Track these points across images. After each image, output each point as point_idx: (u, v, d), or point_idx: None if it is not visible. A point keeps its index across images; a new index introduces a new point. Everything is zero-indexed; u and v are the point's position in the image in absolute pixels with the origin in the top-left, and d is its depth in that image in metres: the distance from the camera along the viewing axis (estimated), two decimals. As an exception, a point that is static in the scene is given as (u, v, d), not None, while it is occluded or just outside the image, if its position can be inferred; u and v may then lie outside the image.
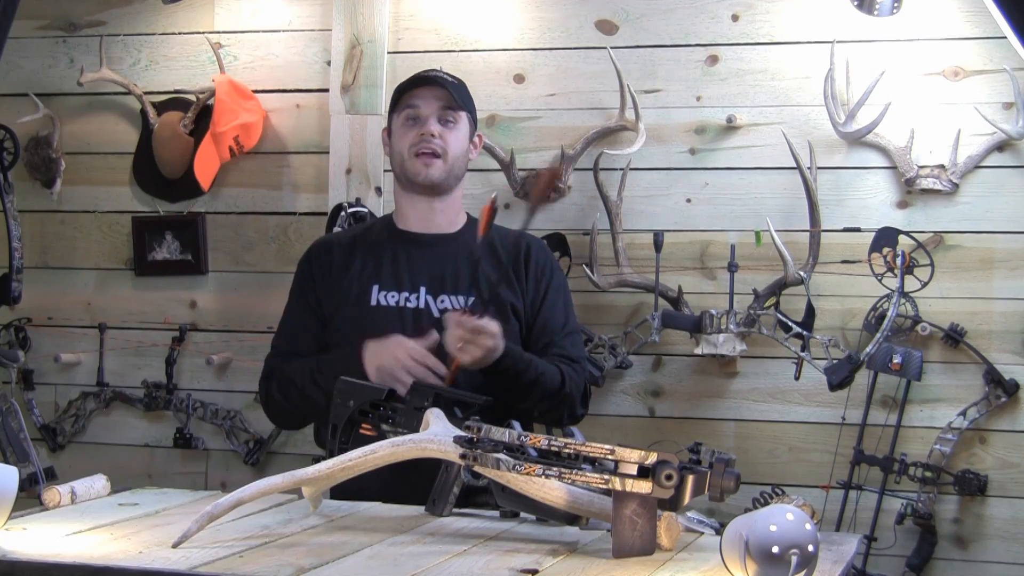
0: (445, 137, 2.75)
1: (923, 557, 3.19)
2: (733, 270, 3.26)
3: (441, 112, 2.75)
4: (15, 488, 2.00)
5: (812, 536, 1.69)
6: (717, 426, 3.36)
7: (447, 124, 2.76)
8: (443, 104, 2.75)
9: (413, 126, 2.76)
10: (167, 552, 1.88)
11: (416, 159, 2.74)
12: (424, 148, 2.73)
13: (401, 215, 2.85)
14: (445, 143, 2.75)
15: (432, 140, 2.73)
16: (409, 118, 2.76)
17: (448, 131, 2.76)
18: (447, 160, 2.75)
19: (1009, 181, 3.21)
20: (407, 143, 2.76)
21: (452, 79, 2.82)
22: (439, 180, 2.76)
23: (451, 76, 2.84)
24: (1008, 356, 3.20)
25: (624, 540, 1.88)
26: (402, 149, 2.77)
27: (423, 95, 2.76)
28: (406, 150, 2.76)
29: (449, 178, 2.77)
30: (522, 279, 2.78)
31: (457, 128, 2.77)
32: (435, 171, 2.75)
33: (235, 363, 3.66)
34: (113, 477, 2.41)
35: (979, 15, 3.19)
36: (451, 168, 2.76)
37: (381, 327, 2.69)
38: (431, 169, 2.74)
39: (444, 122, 2.76)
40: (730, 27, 3.37)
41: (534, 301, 2.77)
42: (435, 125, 2.74)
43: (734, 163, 3.36)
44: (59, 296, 3.79)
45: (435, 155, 2.74)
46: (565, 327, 2.76)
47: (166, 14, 3.71)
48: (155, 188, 3.73)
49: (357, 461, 2.06)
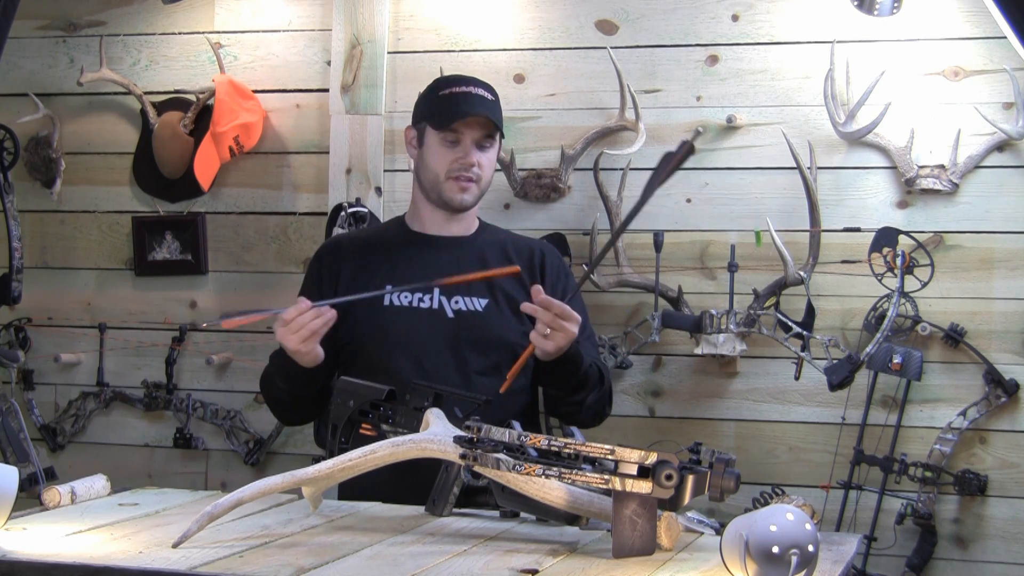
0: (482, 163, 2.77)
1: (923, 557, 3.19)
2: (733, 270, 3.26)
3: (482, 139, 2.76)
4: (15, 488, 2.00)
5: (812, 536, 1.69)
6: (717, 426, 3.36)
7: (484, 149, 2.77)
8: (485, 132, 2.76)
9: (452, 148, 2.76)
10: (167, 552, 1.88)
11: (453, 182, 2.76)
12: (463, 175, 2.75)
13: (417, 219, 2.86)
14: (481, 169, 2.77)
15: (471, 170, 2.75)
16: (448, 140, 2.76)
17: (484, 155, 2.78)
18: (481, 184, 2.79)
19: (1009, 181, 3.21)
20: (444, 165, 2.76)
21: (491, 96, 2.79)
22: (471, 204, 2.80)
23: (488, 91, 2.80)
24: (1008, 356, 3.20)
25: (624, 540, 1.88)
26: (438, 169, 2.77)
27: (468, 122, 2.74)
28: (443, 172, 2.76)
29: (479, 199, 2.81)
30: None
31: (492, 151, 2.80)
32: (470, 196, 2.78)
33: (235, 363, 3.67)
34: (113, 477, 2.41)
35: (979, 15, 3.19)
36: (483, 189, 2.81)
37: (394, 328, 2.70)
38: (466, 195, 2.77)
39: (482, 147, 2.77)
40: (730, 27, 3.37)
41: None
42: (476, 154, 2.75)
43: (734, 163, 3.36)
44: (59, 296, 3.80)
45: (471, 180, 2.75)
46: (585, 331, 2.77)
47: (166, 14, 3.71)
48: (155, 188, 3.73)
49: (357, 461, 2.06)
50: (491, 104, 2.77)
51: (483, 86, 2.81)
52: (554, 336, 2.51)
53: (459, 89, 2.78)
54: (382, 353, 2.70)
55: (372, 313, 2.72)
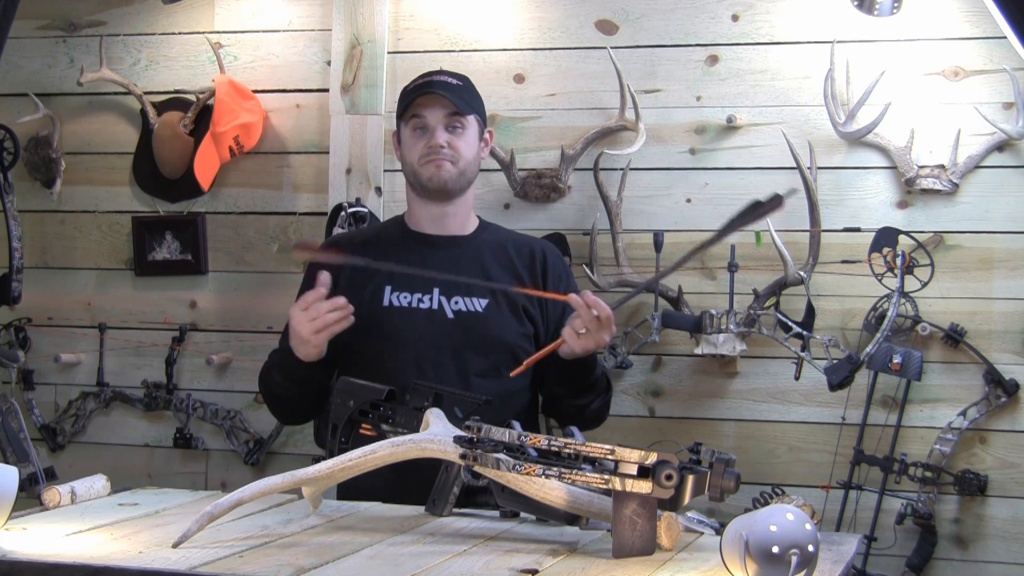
0: (454, 144, 2.74)
1: (923, 557, 3.19)
2: (733, 270, 3.26)
3: (448, 120, 2.74)
4: (15, 488, 2.00)
5: (812, 536, 1.69)
6: (717, 426, 3.36)
7: (455, 130, 2.75)
8: (449, 111, 2.74)
9: (421, 136, 2.75)
10: (167, 552, 1.88)
11: (426, 164, 2.75)
12: (433, 157, 2.73)
13: (413, 217, 2.85)
14: (455, 150, 2.74)
15: (441, 151, 2.73)
16: (416, 128, 2.76)
17: (457, 137, 2.75)
18: (459, 164, 2.75)
19: (1009, 181, 3.21)
20: (416, 154, 2.76)
21: (456, 81, 2.80)
22: (450, 182, 2.76)
23: (455, 77, 2.81)
24: (1008, 356, 3.20)
25: (624, 540, 1.88)
26: (412, 158, 2.77)
27: (428, 104, 2.74)
28: (416, 160, 2.76)
29: (460, 180, 2.77)
30: (539, 287, 2.79)
31: (466, 133, 2.76)
32: (446, 172, 2.74)
33: (235, 363, 3.66)
34: (113, 477, 2.41)
35: (979, 15, 3.19)
36: (462, 171, 2.76)
37: (394, 328, 2.70)
38: (442, 171, 2.74)
39: (451, 129, 2.75)
40: (730, 27, 3.37)
41: (555, 309, 2.78)
42: (442, 134, 2.74)
43: (734, 163, 3.36)
44: (59, 296, 3.80)
45: (444, 159, 2.74)
46: None
47: (166, 14, 3.71)
48: (155, 188, 3.73)
49: (357, 461, 2.06)
50: (454, 87, 2.76)
51: (449, 74, 2.82)
52: (587, 337, 2.53)
53: (421, 80, 2.80)
54: (381, 353, 2.70)
55: (372, 313, 2.72)
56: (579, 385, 2.70)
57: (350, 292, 2.73)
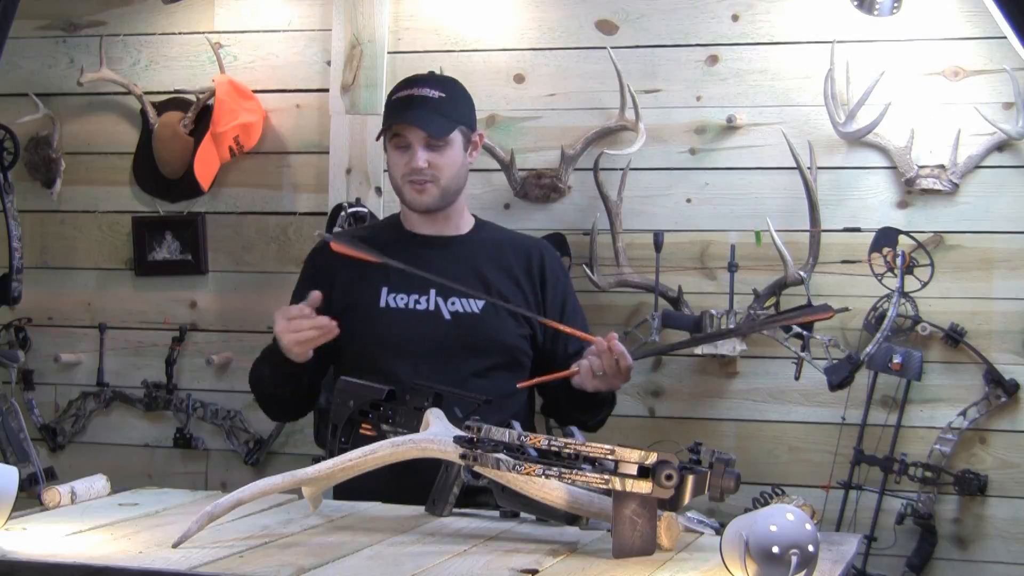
0: (435, 163, 2.71)
1: (923, 557, 3.19)
2: (733, 270, 3.26)
3: (428, 139, 2.70)
4: (15, 488, 2.00)
5: (812, 536, 1.69)
6: (717, 426, 3.36)
7: (436, 149, 2.71)
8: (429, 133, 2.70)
9: (403, 154, 2.72)
10: (167, 552, 1.88)
11: (408, 186, 2.73)
12: (415, 179, 2.72)
13: (407, 219, 2.85)
14: (436, 169, 2.71)
15: (422, 172, 2.70)
16: (398, 146, 2.73)
17: (438, 155, 2.71)
18: (440, 184, 2.73)
19: (1009, 181, 3.21)
20: (399, 172, 2.74)
21: (437, 93, 2.72)
22: (433, 205, 2.75)
23: (436, 88, 2.74)
24: (1008, 356, 3.20)
25: (624, 540, 1.88)
26: (396, 175, 2.76)
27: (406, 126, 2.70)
28: (399, 178, 2.75)
29: (445, 198, 2.75)
30: (536, 288, 2.79)
31: (448, 149, 2.72)
32: (428, 197, 2.73)
33: (235, 363, 3.66)
34: (113, 477, 2.41)
35: (979, 15, 3.18)
36: (445, 190, 2.74)
37: (391, 329, 2.70)
38: (424, 196, 2.73)
39: (432, 148, 2.70)
40: (730, 27, 3.37)
41: (554, 310, 2.78)
42: (422, 155, 2.69)
43: (734, 163, 3.36)
44: (59, 296, 3.80)
45: (426, 181, 2.72)
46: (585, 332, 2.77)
47: (166, 14, 3.71)
48: (155, 188, 3.73)
49: (357, 461, 2.06)
50: (435, 102, 2.71)
51: (431, 84, 2.75)
52: (601, 379, 2.57)
53: (403, 93, 2.75)
54: (378, 355, 2.69)
55: (368, 314, 2.72)
56: (585, 405, 2.72)
57: (347, 293, 2.73)
